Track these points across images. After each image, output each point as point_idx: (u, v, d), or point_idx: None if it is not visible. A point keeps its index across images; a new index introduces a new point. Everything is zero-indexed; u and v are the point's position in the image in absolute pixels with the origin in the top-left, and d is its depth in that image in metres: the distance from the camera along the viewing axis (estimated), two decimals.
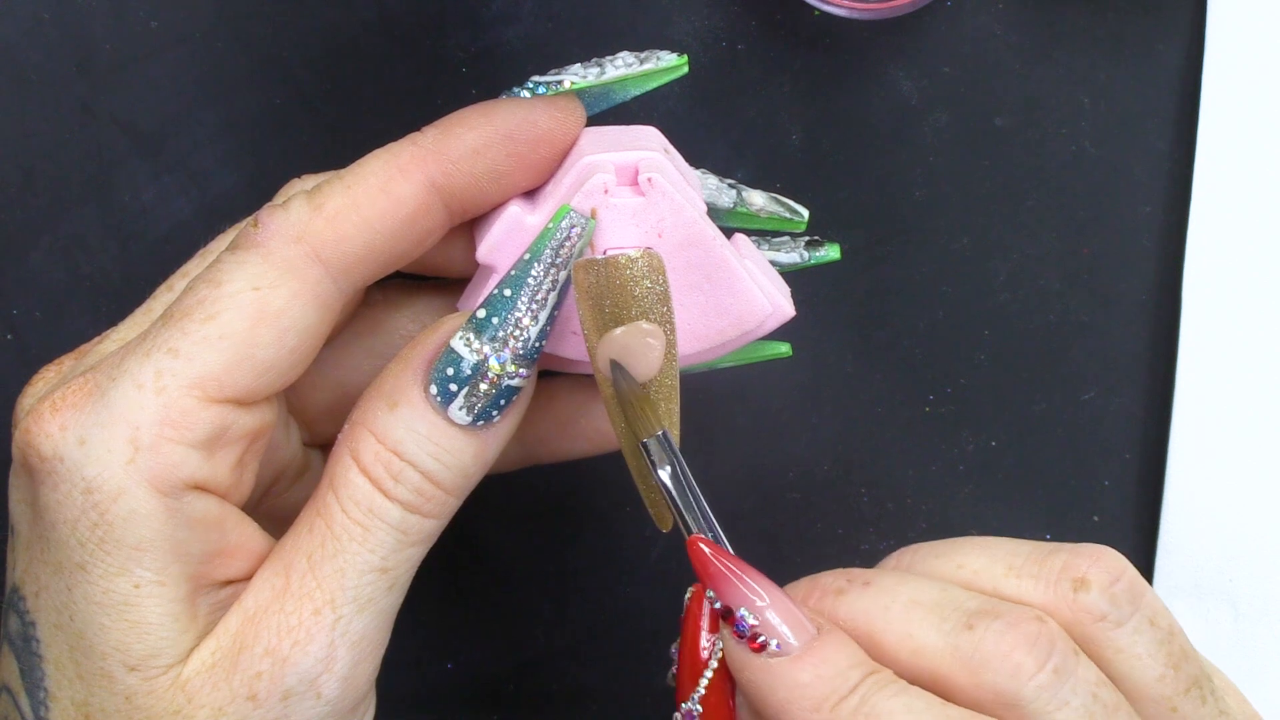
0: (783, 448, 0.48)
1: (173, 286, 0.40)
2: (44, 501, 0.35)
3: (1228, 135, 0.46)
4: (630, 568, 0.48)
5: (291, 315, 0.36)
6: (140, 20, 0.47)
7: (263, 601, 0.37)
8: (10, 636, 0.37)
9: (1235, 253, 0.46)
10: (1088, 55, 0.47)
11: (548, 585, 0.48)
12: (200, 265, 0.40)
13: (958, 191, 0.47)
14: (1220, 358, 0.46)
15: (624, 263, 0.39)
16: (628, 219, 0.40)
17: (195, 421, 0.36)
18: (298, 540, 0.38)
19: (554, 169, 0.41)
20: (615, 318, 0.39)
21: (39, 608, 0.36)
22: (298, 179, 0.41)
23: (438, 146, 0.38)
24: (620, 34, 0.47)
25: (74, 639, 0.36)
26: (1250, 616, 0.46)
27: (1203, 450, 0.46)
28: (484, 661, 0.48)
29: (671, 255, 0.40)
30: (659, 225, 0.41)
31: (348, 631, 0.37)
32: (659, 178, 0.40)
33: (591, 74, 0.42)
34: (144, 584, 0.36)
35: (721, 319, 0.42)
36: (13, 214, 0.48)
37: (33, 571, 0.36)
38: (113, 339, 0.39)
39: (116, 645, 0.36)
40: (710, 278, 0.41)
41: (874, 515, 0.48)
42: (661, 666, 0.49)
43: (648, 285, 0.39)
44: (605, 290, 0.39)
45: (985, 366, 0.47)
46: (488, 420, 0.38)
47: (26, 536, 0.36)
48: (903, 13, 0.45)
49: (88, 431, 0.35)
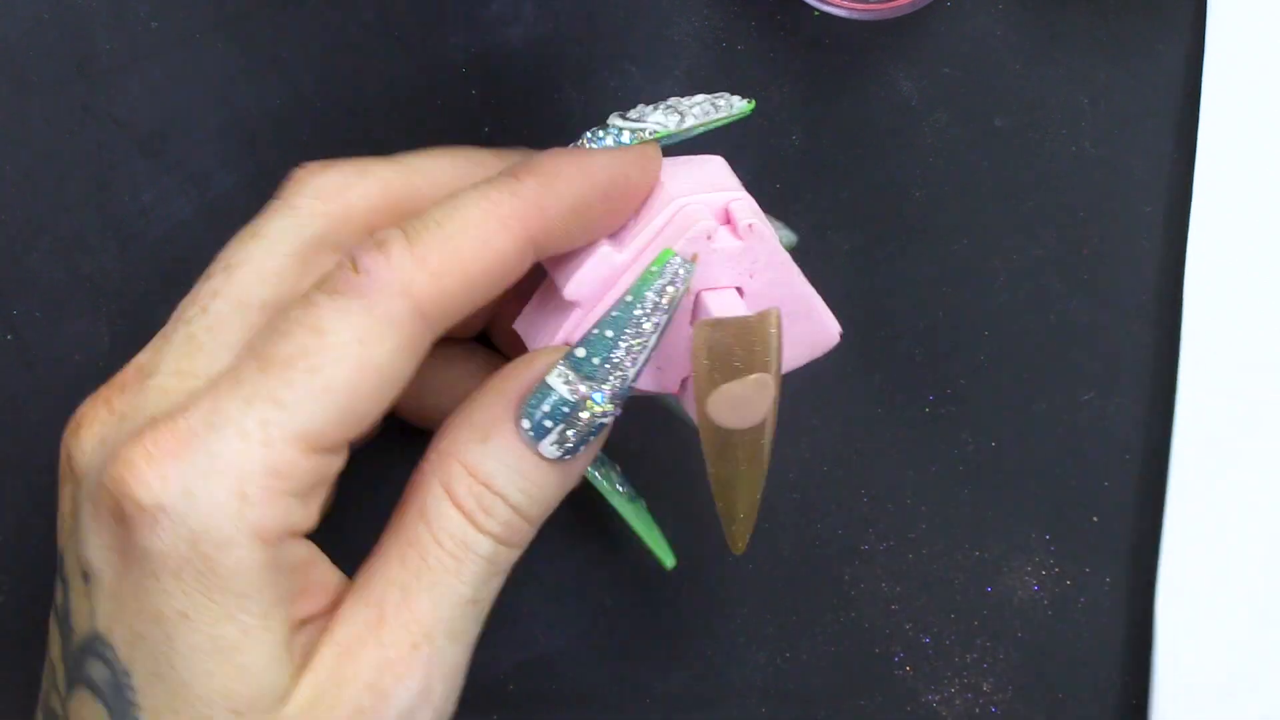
0: (783, 448, 0.48)
1: (207, 309, 0.38)
2: (142, 551, 0.35)
3: (1229, 135, 0.46)
4: (630, 568, 0.48)
5: (393, 369, 0.36)
6: (140, 20, 0.47)
7: (357, 635, 0.37)
8: (94, 684, 0.36)
9: (1237, 252, 0.46)
10: (1088, 55, 0.47)
11: (548, 585, 0.48)
12: (227, 280, 0.39)
13: (958, 191, 0.47)
14: (1223, 357, 0.46)
15: (762, 325, 0.38)
16: (724, 261, 0.40)
17: (298, 472, 0.36)
18: (388, 571, 0.38)
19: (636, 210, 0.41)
20: (738, 372, 0.39)
21: (134, 657, 0.36)
22: (301, 168, 0.40)
23: (539, 201, 0.38)
24: (620, 34, 0.47)
25: (176, 687, 0.36)
26: (1256, 618, 0.46)
27: (1207, 450, 0.46)
28: (484, 661, 0.48)
29: (761, 293, 0.41)
30: (753, 266, 0.41)
31: (442, 664, 0.38)
32: (759, 225, 0.40)
33: (672, 122, 0.42)
34: (250, 629, 0.36)
35: (798, 347, 0.42)
36: (13, 214, 0.48)
37: (123, 620, 0.36)
38: (148, 366, 0.38)
39: (222, 691, 0.36)
40: (792, 311, 0.41)
41: (874, 515, 0.48)
42: (661, 667, 0.49)
43: (775, 345, 0.39)
44: (732, 350, 0.39)
45: (985, 366, 0.47)
46: (574, 454, 0.39)
47: (113, 585, 0.36)
48: (903, 13, 0.45)
49: (192, 483, 0.35)
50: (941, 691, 0.48)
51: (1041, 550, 0.48)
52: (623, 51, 0.47)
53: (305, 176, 0.39)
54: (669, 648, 0.48)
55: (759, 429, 0.39)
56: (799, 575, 0.48)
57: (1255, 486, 0.46)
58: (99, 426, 0.37)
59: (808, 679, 0.48)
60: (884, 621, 0.48)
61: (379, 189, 0.39)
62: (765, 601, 0.48)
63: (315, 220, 0.39)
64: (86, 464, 0.37)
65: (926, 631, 0.48)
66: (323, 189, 0.39)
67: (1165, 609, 0.46)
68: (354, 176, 0.39)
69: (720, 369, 0.39)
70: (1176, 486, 0.46)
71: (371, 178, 0.39)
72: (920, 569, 0.48)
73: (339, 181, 0.39)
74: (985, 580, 0.48)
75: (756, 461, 0.40)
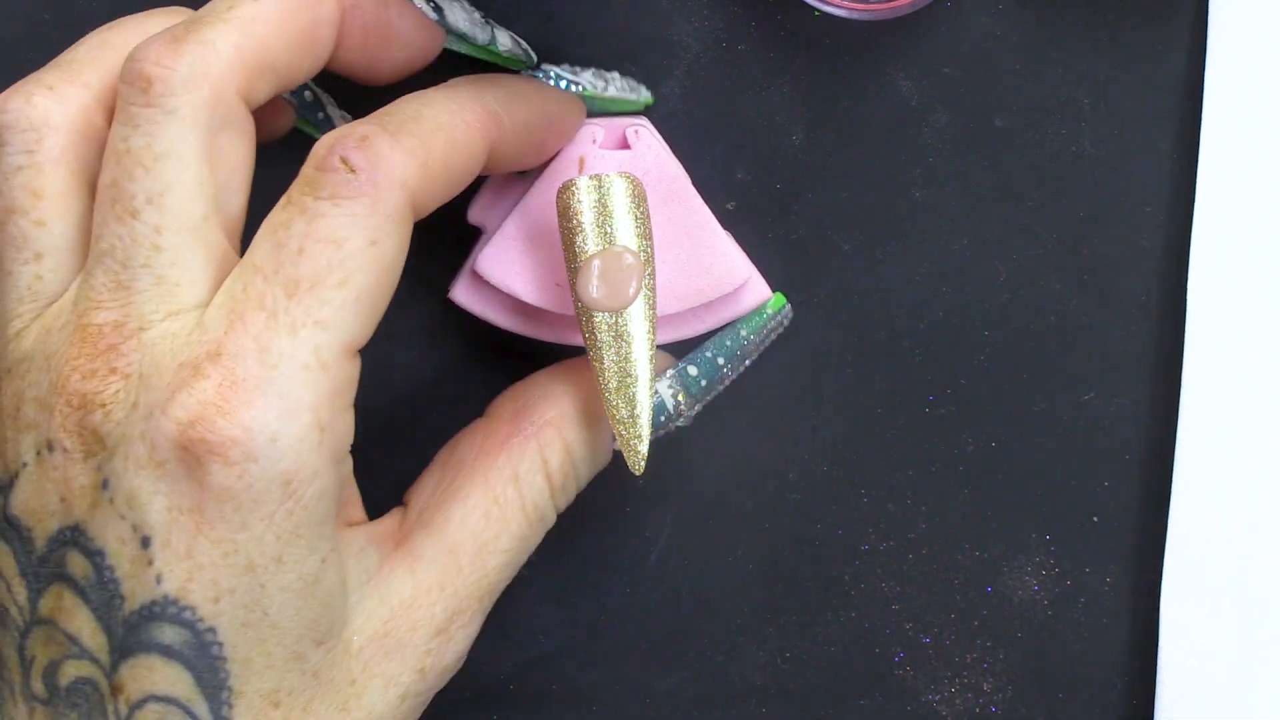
0: (783, 448, 0.48)
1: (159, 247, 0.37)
2: (232, 504, 0.35)
3: (1231, 134, 0.46)
4: (630, 568, 0.48)
5: (400, 260, 0.37)
6: None
7: (435, 578, 0.39)
8: (165, 648, 0.36)
9: (1241, 251, 0.46)
10: (1088, 55, 0.47)
11: (548, 585, 0.48)
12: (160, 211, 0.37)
13: (958, 191, 0.47)
14: (1227, 356, 0.46)
15: (607, 181, 0.39)
16: (613, 167, 0.41)
17: (351, 383, 0.37)
18: (470, 521, 0.40)
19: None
20: (596, 241, 0.40)
21: (220, 612, 0.36)
22: (141, 62, 0.37)
23: (500, 110, 0.39)
24: (620, 34, 0.47)
25: (268, 631, 0.36)
26: (1259, 619, 0.46)
27: (1210, 450, 0.46)
28: (484, 661, 0.48)
29: (655, 210, 0.41)
30: (644, 177, 0.42)
31: (486, 614, 0.41)
32: (644, 130, 0.41)
33: (598, 86, 0.44)
34: (326, 556, 0.37)
35: (701, 278, 0.43)
36: None
37: (202, 579, 0.36)
38: (127, 321, 0.37)
39: (310, 624, 0.37)
40: (691, 235, 0.42)
41: (874, 515, 0.48)
42: (661, 667, 0.49)
43: (627, 207, 0.40)
44: (587, 210, 0.40)
45: (985, 366, 0.47)
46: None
47: (185, 546, 0.36)
48: (903, 13, 0.45)
49: (274, 427, 0.35)
50: (941, 691, 0.48)
51: (1041, 550, 0.48)
52: (623, 52, 0.47)
53: (163, 74, 0.37)
54: (669, 648, 0.48)
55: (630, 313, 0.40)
56: (799, 575, 0.48)
57: (1259, 485, 0.46)
58: (122, 394, 0.37)
59: (808, 679, 0.48)
60: (884, 621, 0.48)
61: (233, 55, 0.38)
62: (765, 601, 0.48)
63: (200, 114, 0.37)
64: (122, 434, 0.36)
65: (926, 631, 0.48)
66: (189, 80, 0.37)
67: (1169, 609, 0.46)
68: (208, 53, 0.37)
69: (583, 238, 0.40)
70: (1180, 485, 0.46)
71: (223, 47, 0.37)
72: (920, 569, 0.48)
73: (200, 65, 0.37)
74: (985, 580, 0.48)
75: (633, 353, 0.40)
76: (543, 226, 0.41)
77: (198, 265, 0.37)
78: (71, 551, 0.37)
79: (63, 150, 0.39)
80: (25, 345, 0.38)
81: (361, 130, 0.37)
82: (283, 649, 0.37)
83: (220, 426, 0.35)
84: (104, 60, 0.40)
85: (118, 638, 0.37)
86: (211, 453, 0.35)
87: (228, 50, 0.38)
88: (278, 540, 0.36)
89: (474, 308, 0.43)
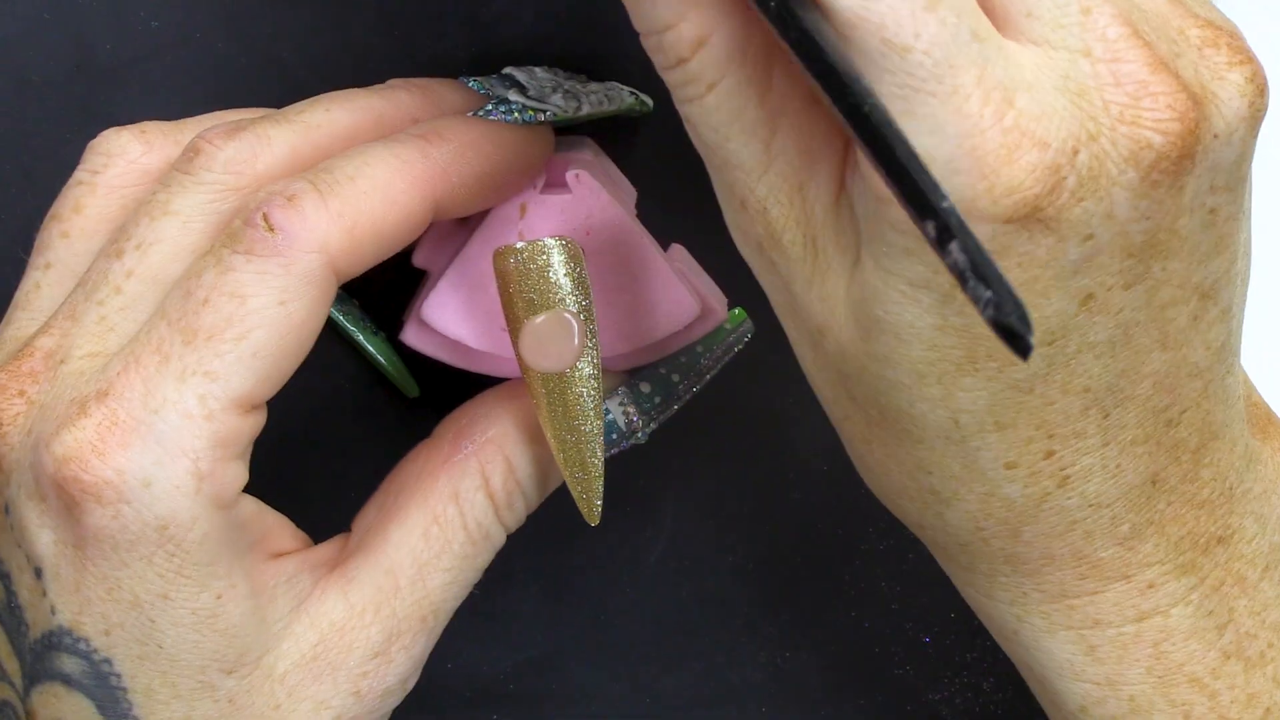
0: (783, 448, 0.48)
1: (121, 289, 0.38)
2: (109, 544, 0.35)
3: None
4: (630, 568, 0.48)
5: (312, 324, 0.37)
6: (140, 20, 0.47)
7: (370, 598, 0.39)
8: (67, 677, 0.36)
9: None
10: None
11: (548, 585, 0.48)
12: (141, 259, 0.38)
13: None
14: None
15: (540, 249, 0.39)
16: (556, 214, 0.41)
17: (239, 436, 0.36)
18: (409, 542, 0.39)
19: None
20: (534, 305, 0.40)
21: (113, 644, 0.36)
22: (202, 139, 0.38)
23: (447, 167, 0.39)
24: (620, 34, 0.47)
25: (167, 664, 0.36)
26: None
27: None
28: (484, 661, 0.48)
29: (600, 252, 0.41)
30: (587, 222, 0.42)
31: (434, 640, 0.40)
32: (585, 174, 0.41)
33: (570, 108, 0.43)
34: (223, 592, 0.36)
35: (649, 317, 0.43)
36: (13, 214, 0.48)
37: (92, 613, 0.36)
38: (58, 351, 0.37)
39: (212, 655, 0.37)
40: (637, 277, 0.42)
41: (874, 515, 0.48)
42: (661, 667, 0.49)
43: (563, 271, 0.40)
44: (524, 277, 0.40)
45: None
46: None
47: (74, 579, 0.36)
48: None
49: (149, 472, 0.35)
50: (941, 691, 0.48)
51: None
52: (623, 51, 0.47)
53: (211, 150, 0.38)
54: (669, 648, 0.48)
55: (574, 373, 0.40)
56: (799, 575, 0.48)
57: None
58: (21, 419, 0.37)
59: (808, 679, 0.48)
60: (884, 621, 0.48)
61: (286, 155, 0.39)
62: (765, 601, 0.48)
63: (227, 195, 0.38)
64: (16, 459, 0.36)
65: (927, 631, 0.48)
66: (232, 162, 0.38)
67: None
68: (261, 146, 0.38)
69: (516, 302, 0.40)
70: None
71: (279, 144, 0.39)
72: (920, 569, 0.48)
73: (247, 153, 0.38)
74: None
75: (579, 412, 0.40)
76: (485, 273, 0.41)
77: (143, 318, 0.37)
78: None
79: (123, 183, 0.40)
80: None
81: (292, 189, 0.36)
82: (187, 679, 0.37)
83: (94, 467, 0.35)
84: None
85: (27, 664, 0.37)
86: (85, 493, 0.35)
87: (281, 149, 0.39)
88: (161, 579, 0.36)
89: (425, 349, 0.43)
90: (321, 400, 0.47)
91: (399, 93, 0.42)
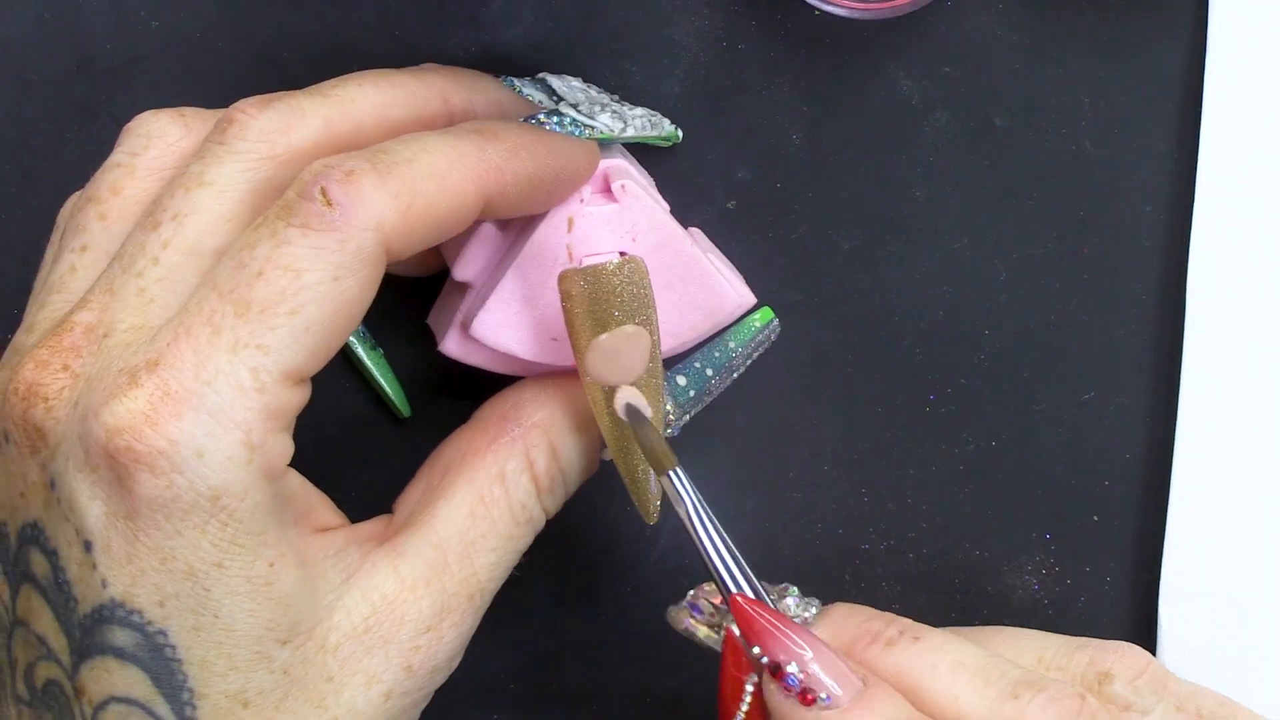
0: (783, 448, 0.48)
1: (158, 260, 0.38)
2: (162, 513, 0.35)
3: (1230, 134, 0.46)
4: (630, 568, 0.48)
5: (362, 300, 0.37)
6: (140, 20, 0.47)
7: (420, 573, 0.39)
8: (120, 650, 0.36)
9: (1240, 251, 0.46)
10: (1088, 55, 0.47)
11: (548, 585, 0.48)
12: (178, 230, 0.38)
13: (958, 191, 0.47)
14: (1226, 356, 0.46)
15: (610, 270, 0.40)
16: (603, 225, 0.42)
17: (289, 408, 0.37)
18: (456, 520, 0.40)
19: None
20: (602, 323, 0.40)
21: (168, 615, 0.36)
22: (238, 109, 0.39)
23: (501, 166, 0.39)
24: (620, 34, 0.47)
25: (223, 634, 0.36)
26: (1257, 618, 0.46)
27: (1209, 450, 0.46)
28: (484, 661, 0.48)
29: (646, 257, 0.42)
30: (633, 229, 0.42)
31: (479, 616, 0.40)
32: (631, 184, 0.41)
33: (616, 128, 0.44)
34: (276, 560, 0.37)
35: (694, 314, 0.43)
36: (13, 214, 0.48)
37: (146, 584, 0.36)
38: (99, 324, 0.37)
39: (267, 624, 0.37)
40: (682, 276, 0.43)
41: (874, 515, 0.48)
42: (661, 667, 0.49)
43: (632, 291, 0.40)
44: (593, 298, 0.40)
45: (985, 366, 0.47)
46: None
47: (125, 550, 0.36)
48: (903, 13, 0.45)
49: (201, 442, 0.35)
50: None
51: (1041, 550, 0.48)
52: (623, 51, 0.47)
53: (245, 120, 0.38)
54: (669, 648, 0.48)
55: (643, 386, 0.41)
56: (799, 575, 0.48)
57: (1258, 485, 0.46)
58: (66, 392, 0.37)
59: None
60: None
61: (321, 127, 0.39)
62: None
63: (262, 164, 0.38)
64: (63, 432, 0.36)
65: None
66: (266, 131, 0.38)
67: (1167, 608, 0.46)
68: (294, 117, 0.39)
69: (584, 322, 0.40)
70: (1179, 484, 0.46)
71: (312, 116, 0.39)
72: (920, 569, 0.48)
73: (281, 123, 0.38)
74: (985, 580, 0.48)
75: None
76: (534, 287, 0.42)
77: (183, 289, 0.37)
78: (34, 550, 0.37)
79: (161, 165, 0.40)
80: (31, 339, 0.39)
81: (350, 165, 0.36)
82: (244, 650, 0.37)
83: (147, 436, 0.35)
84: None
85: (76, 640, 0.37)
86: (138, 462, 0.35)
87: (316, 121, 0.39)
88: (215, 548, 0.36)
89: (468, 359, 0.43)
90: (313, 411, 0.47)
91: (432, 76, 0.42)
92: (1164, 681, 0.40)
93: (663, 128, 0.46)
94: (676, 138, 0.46)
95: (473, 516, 0.40)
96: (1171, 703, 0.39)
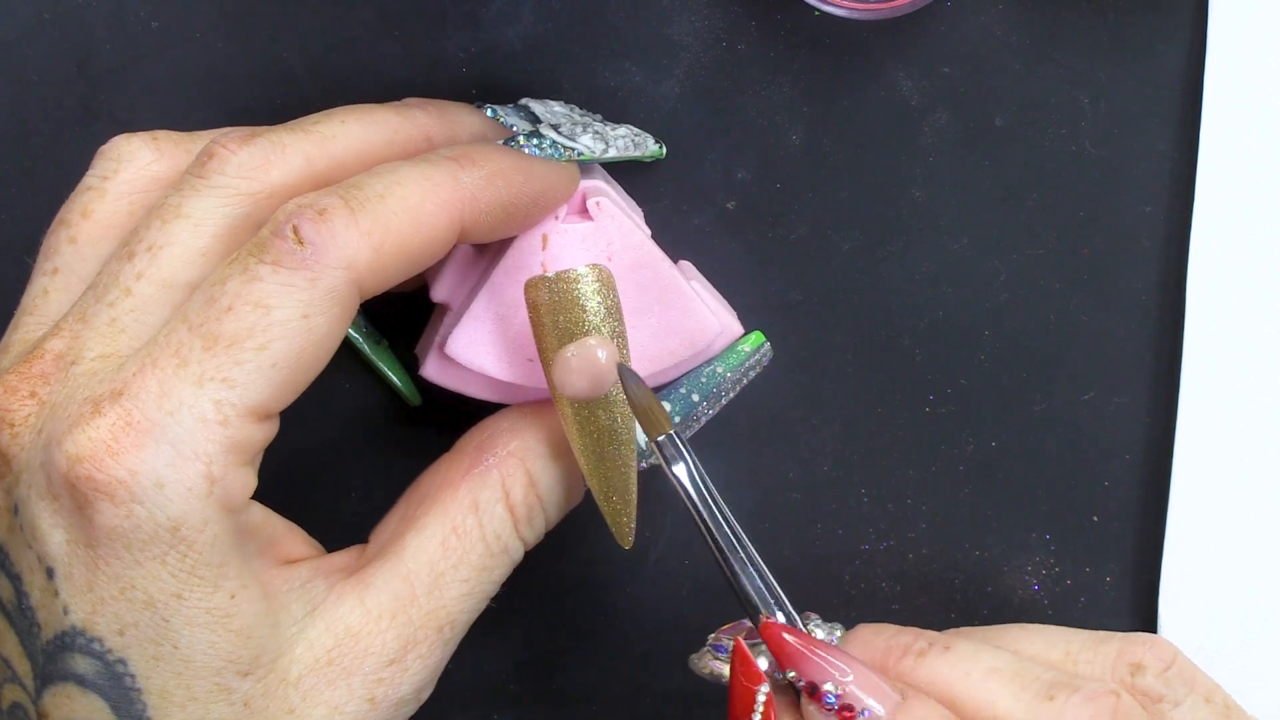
0: (783, 448, 0.48)
1: (131, 291, 0.38)
2: (121, 543, 0.35)
3: (1230, 134, 0.46)
4: (630, 568, 0.48)
5: (332, 339, 0.37)
6: (140, 20, 0.47)
7: (386, 605, 0.39)
8: (80, 678, 0.36)
9: (1240, 251, 0.46)
10: (1088, 55, 0.47)
11: (548, 585, 0.48)
12: (152, 262, 0.37)
13: (958, 191, 0.47)
14: (1226, 356, 0.46)
15: (574, 277, 0.40)
16: (578, 243, 0.41)
17: (252, 443, 0.36)
18: (427, 550, 0.39)
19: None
20: (568, 334, 0.40)
21: (127, 645, 0.36)
22: (217, 144, 0.38)
23: (476, 193, 0.39)
24: (620, 34, 0.47)
25: (182, 665, 0.36)
26: (1257, 618, 0.46)
27: (1209, 451, 0.46)
28: (484, 661, 0.48)
29: (622, 278, 0.41)
30: (609, 249, 0.42)
31: (450, 650, 0.40)
32: (606, 201, 0.41)
33: (598, 149, 0.43)
34: (237, 593, 0.36)
35: (672, 338, 0.43)
36: (13, 214, 0.48)
37: (106, 612, 0.36)
38: (68, 352, 0.37)
39: (227, 656, 0.37)
40: (661, 299, 0.42)
41: (874, 515, 0.48)
42: (661, 667, 0.49)
43: (599, 300, 0.40)
44: (558, 307, 0.39)
45: (985, 366, 0.47)
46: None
47: (86, 578, 0.36)
48: (903, 13, 0.45)
49: (161, 474, 0.35)
50: None
51: (1041, 550, 0.48)
52: (623, 51, 0.47)
53: (225, 155, 0.38)
54: (669, 648, 0.48)
55: (606, 399, 0.40)
56: (799, 575, 0.48)
57: (1257, 484, 0.46)
58: (32, 419, 0.37)
59: None
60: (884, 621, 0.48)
61: (302, 164, 0.39)
62: None
63: (240, 200, 0.38)
64: (26, 459, 0.36)
65: None
66: (245, 167, 0.38)
67: (1167, 608, 0.46)
68: (275, 153, 0.39)
69: (550, 332, 0.40)
70: (1179, 485, 0.46)
71: (292, 153, 0.39)
72: (920, 569, 0.48)
73: (261, 159, 0.38)
74: (985, 580, 0.48)
75: (611, 437, 0.40)
76: (509, 305, 0.41)
77: (154, 321, 0.37)
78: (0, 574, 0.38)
79: (132, 189, 0.40)
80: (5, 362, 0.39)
81: (323, 203, 0.36)
82: (202, 681, 0.36)
83: (108, 466, 0.35)
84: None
85: (39, 665, 0.37)
86: (98, 491, 0.35)
87: (296, 158, 0.39)
88: (174, 578, 0.36)
89: (447, 383, 0.43)
90: (322, 407, 0.46)
91: (414, 110, 0.42)
92: (1192, 674, 0.40)
93: (646, 146, 0.45)
94: (660, 155, 0.46)
95: (444, 548, 0.39)
96: (1201, 694, 0.39)
